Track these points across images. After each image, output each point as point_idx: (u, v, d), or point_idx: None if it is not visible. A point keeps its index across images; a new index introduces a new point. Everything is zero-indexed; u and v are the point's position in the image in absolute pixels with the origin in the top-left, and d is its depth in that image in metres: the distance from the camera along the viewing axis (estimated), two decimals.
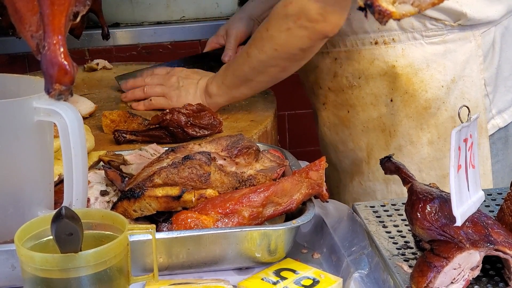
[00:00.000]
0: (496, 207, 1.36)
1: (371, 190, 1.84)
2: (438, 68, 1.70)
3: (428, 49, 1.69)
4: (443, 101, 1.71)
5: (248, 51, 1.69)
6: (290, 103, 2.93)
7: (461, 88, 1.71)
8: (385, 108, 1.75)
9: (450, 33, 1.68)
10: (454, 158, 1.10)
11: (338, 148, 1.89)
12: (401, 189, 1.76)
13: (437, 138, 1.74)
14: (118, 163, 1.40)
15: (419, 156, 1.75)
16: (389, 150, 1.77)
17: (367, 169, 1.83)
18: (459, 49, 1.70)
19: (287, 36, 1.59)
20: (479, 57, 1.71)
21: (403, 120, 1.74)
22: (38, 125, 1.18)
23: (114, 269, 1.06)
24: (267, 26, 1.63)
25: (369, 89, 1.75)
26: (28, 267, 1.03)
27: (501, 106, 1.77)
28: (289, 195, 1.27)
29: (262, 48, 1.65)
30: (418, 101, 1.72)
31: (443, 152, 1.75)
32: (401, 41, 1.70)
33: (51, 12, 0.85)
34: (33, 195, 1.22)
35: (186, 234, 1.19)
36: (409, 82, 1.71)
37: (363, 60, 1.73)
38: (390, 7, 0.73)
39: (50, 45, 0.86)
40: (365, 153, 1.82)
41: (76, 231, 1.01)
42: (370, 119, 1.78)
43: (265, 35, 1.64)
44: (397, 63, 1.70)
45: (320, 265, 1.27)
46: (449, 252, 1.10)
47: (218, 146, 1.36)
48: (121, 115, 1.77)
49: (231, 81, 1.76)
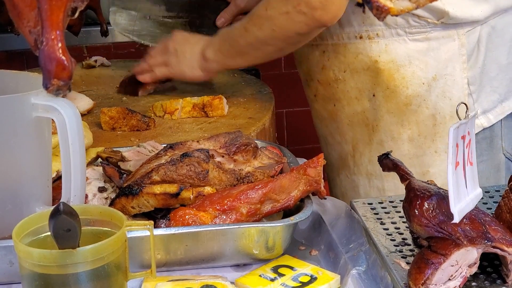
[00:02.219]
0: (494, 204, 1.36)
1: (355, 184, 1.86)
2: (420, 65, 1.70)
3: (411, 45, 1.70)
4: (424, 99, 1.72)
5: (246, 26, 1.70)
6: (288, 100, 2.93)
7: (443, 86, 1.71)
8: (368, 103, 1.76)
9: (433, 30, 1.69)
10: (452, 155, 1.11)
11: (328, 140, 1.91)
12: (383, 184, 1.79)
13: (418, 135, 1.75)
14: (116, 159, 1.40)
15: (400, 152, 1.76)
16: (372, 145, 1.79)
17: (352, 163, 1.84)
18: (442, 47, 1.70)
19: (285, 19, 1.60)
20: (462, 56, 1.71)
21: (385, 116, 1.75)
22: (36, 121, 1.18)
23: (112, 265, 1.06)
24: (266, 5, 1.64)
25: (354, 83, 1.76)
26: (26, 263, 1.03)
27: (486, 106, 1.76)
28: (287, 192, 1.27)
29: (260, 26, 1.66)
30: (399, 97, 1.72)
31: (423, 150, 1.75)
32: (385, 36, 1.70)
33: (49, 7, 0.85)
34: (31, 191, 1.22)
35: (184, 231, 1.19)
36: (391, 77, 1.72)
37: (348, 53, 1.74)
38: (388, 3, 0.73)
39: (48, 40, 0.86)
40: (350, 147, 1.83)
41: (74, 227, 1.01)
42: (354, 113, 1.79)
43: (263, 14, 1.65)
44: (379, 58, 1.71)
45: (318, 262, 1.27)
46: (446, 249, 1.10)
47: (217, 143, 1.36)
48: (119, 112, 1.77)
49: (227, 50, 1.77)
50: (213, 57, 1.80)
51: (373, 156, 1.78)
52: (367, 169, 1.81)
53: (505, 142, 1.82)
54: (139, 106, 1.93)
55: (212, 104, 1.84)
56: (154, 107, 1.88)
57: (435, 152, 1.75)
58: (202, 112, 1.85)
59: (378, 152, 1.75)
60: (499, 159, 1.83)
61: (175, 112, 1.85)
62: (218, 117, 1.84)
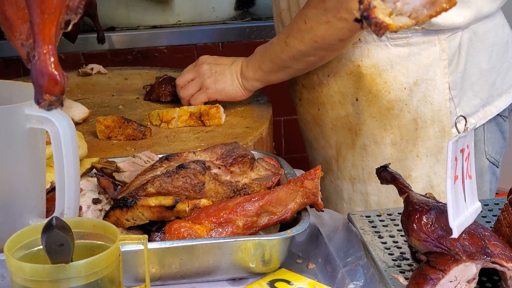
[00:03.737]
0: (493, 218, 1.35)
1: (339, 188, 1.87)
2: (402, 70, 1.71)
3: (392, 50, 1.71)
4: (406, 103, 1.72)
5: (287, 41, 1.69)
6: (286, 108, 2.91)
7: (424, 91, 1.72)
8: (351, 107, 1.77)
9: (414, 36, 1.69)
10: (451, 168, 1.09)
11: (313, 145, 1.93)
12: (366, 188, 1.80)
13: (400, 139, 1.75)
14: (111, 170, 1.39)
15: (382, 156, 1.76)
16: (355, 149, 1.79)
17: (336, 167, 1.85)
18: (423, 52, 1.70)
19: (327, 28, 1.60)
20: (443, 60, 1.71)
21: (367, 120, 1.76)
22: (30, 132, 1.16)
23: (105, 279, 1.04)
24: (305, 18, 1.64)
25: (337, 87, 1.77)
26: (17, 278, 1.01)
27: (468, 111, 1.77)
28: (284, 204, 1.26)
29: (302, 39, 1.66)
30: (381, 102, 1.73)
31: (405, 154, 1.76)
32: (367, 41, 1.71)
33: (41, 21, 0.84)
34: (24, 203, 1.20)
35: (179, 244, 1.17)
36: (373, 82, 1.72)
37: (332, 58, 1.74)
38: (387, 19, 0.72)
39: (40, 54, 0.84)
40: (334, 151, 1.84)
41: (67, 241, 0.99)
42: (338, 118, 1.80)
43: (303, 27, 1.64)
44: (362, 63, 1.72)
45: (315, 276, 1.26)
46: (445, 264, 1.09)
47: (213, 154, 1.35)
48: (115, 121, 1.76)
49: (269, 67, 1.77)
50: (253, 75, 1.81)
51: (356, 160, 1.80)
52: (350, 174, 1.82)
53: (488, 146, 1.83)
54: (136, 115, 1.92)
55: (209, 113, 1.83)
56: (150, 116, 1.87)
57: (417, 156, 1.76)
58: (199, 121, 1.84)
59: (361, 156, 1.76)
60: (482, 163, 1.84)
61: (172, 121, 1.83)
62: (215, 126, 1.83)
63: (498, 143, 1.85)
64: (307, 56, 1.69)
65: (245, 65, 1.82)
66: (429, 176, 1.76)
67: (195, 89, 1.89)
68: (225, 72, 1.85)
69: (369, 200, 1.81)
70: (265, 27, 2.98)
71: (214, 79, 1.86)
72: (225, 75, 1.85)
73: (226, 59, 1.89)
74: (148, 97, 2.04)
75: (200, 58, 1.93)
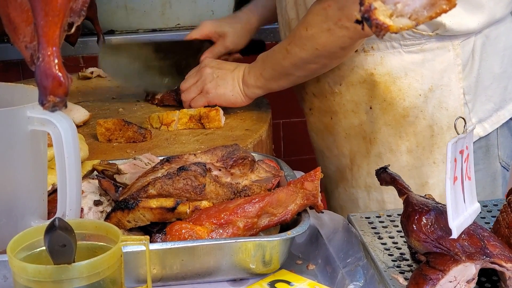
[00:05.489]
0: (492, 219, 1.36)
1: (354, 197, 1.85)
2: (416, 76, 1.70)
3: (406, 57, 1.70)
4: (421, 110, 1.72)
5: (288, 48, 1.69)
6: (285, 111, 2.93)
7: (439, 97, 1.71)
8: (365, 116, 1.76)
9: (428, 42, 1.69)
10: (450, 170, 1.10)
11: (325, 153, 1.91)
12: (382, 196, 1.79)
13: (416, 146, 1.74)
14: (112, 172, 1.39)
15: (398, 164, 1.76)
16: (370, 157, 1.78)
17: (350, 175, 1.84)
18: (437, 58, 1.70)
19: (328, 36, 1.60)
20: (458, 66, 1.71)
21: (382, 128, 1.75)
22: (32, 135, 1.17)
23: (107, 280, 1.05)
24: (306, 25, 1.64)
25: (350, 96, 1.76)
26: (20, 279, 1.02)
27: (481, 115, 1.77)
28: (284, 205, 1.26)
29: (303, 46, 1.65)
30: (396, 109, 1.72)
31: (422, 161, 1.75)
32: (379, 49, 1.71)
33: (46, 23, 0.84)
34: (26, 205, 1.21)
35: (180, 245, 1.18)
36: (387, 90, 1.72)
37: (344, 66, 1.74)
38: (388, 21, 0.73)
39: (44, 56, 0.85)
40: (348, 159, 1.83)
41: (69, 242, 1.00)
42: (351, 126, 1.79)
43: (304, 34, 1.64)
44: (375, 71, 1.71)
45: (315, 277, 1.26)
46: (445, 264, 1.10)
47: (214, 156, 1.36)
48: (116, 123, 1.77)
49: (270, 74, 1.77)
50: (255, 82, 1.80)
51: (371, 169, 1.78)
52: (366, 182, 1.80)
53: (501, 150, 1.83)
54: (136, 118, 1.93)
55: (209, 116, 1.84)
56: (150, 119, 1.87)
57: (434, 163, 1.75)
58: (199, 124, 1.84)
59: (376, 164, 1.74)
60: (495, 168, 1.84)
61: (172, 123, 1.84)
62: (215, 129, 1.84)
63: (510, 147, 1.85)
64: (308, 64, 1.69)
65: (247, 72, 1.82)
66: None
67: (196, 93, 1.89)
68: (227, 77, 1.85)
69: (385, 208, 1.79)
70: (263, 30, 2.99)
71: (215, 83, 1.86)
72: (226, 80, 1.85)
73: (230, 64, 1.89)
74: (152, 102, 2.04)
75: (203, 61, 1.93)
